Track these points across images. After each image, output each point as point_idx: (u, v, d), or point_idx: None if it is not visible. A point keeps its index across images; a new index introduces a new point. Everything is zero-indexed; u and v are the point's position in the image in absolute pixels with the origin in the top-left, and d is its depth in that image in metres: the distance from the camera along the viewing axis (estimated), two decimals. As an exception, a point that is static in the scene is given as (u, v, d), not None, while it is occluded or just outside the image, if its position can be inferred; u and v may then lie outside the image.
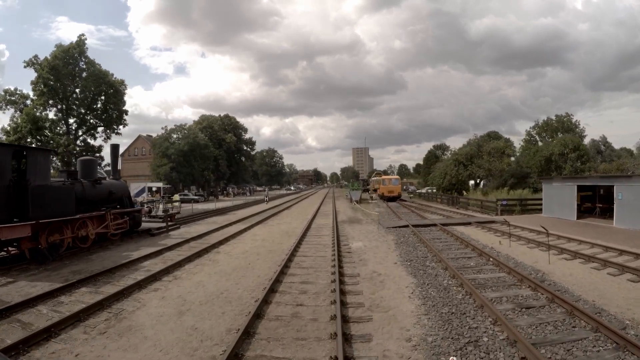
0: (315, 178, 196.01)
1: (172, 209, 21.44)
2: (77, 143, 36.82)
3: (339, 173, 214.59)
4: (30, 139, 35.03)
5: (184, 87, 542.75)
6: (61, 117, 36.10)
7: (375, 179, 57.80)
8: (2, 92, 35.27)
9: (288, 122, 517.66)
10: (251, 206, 35.52)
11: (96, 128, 38.07)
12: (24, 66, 34.89)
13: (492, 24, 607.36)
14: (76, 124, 36.91)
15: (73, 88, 35.81)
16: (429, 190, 48.73)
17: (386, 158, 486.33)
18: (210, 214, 26.60)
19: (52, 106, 36.10)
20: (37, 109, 35.06)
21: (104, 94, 36.69)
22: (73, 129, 36.63)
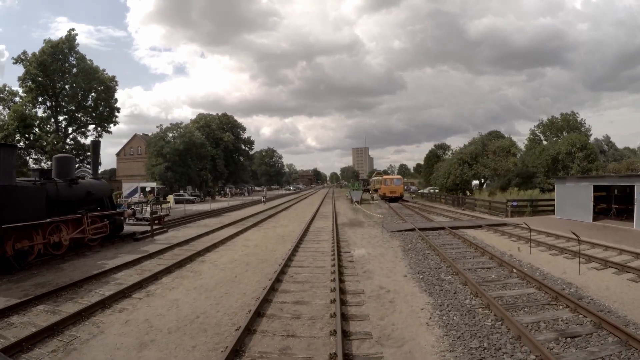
0: (315, 178, 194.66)
1: (161, 210, 20.05)
2: (67, 141, 35.43)
3: (338, 173, 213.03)
4: (19, 137, 33.76)
5: (184, 87, 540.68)
6: (50, 115, 34.73)
7: (376, 178, 56.52)
8: None
9: (288, 122, 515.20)
10: (248, 207, 34.12)
11: (87, 126, 36.70)
12: (13, 62, 33.66)
13: (492, 24, 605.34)
14: (66, 122, 35.54)
15: (63, 84, 34.43)
16: (431, 190, 47.42)
17: (386, 158, 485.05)
18: (204, 215, 25.22)
19: (42, 103, 34.80)
20: (27, 106, 33.77)
21: (94, 91, 35.32)
22: (63, 127, 35.25)
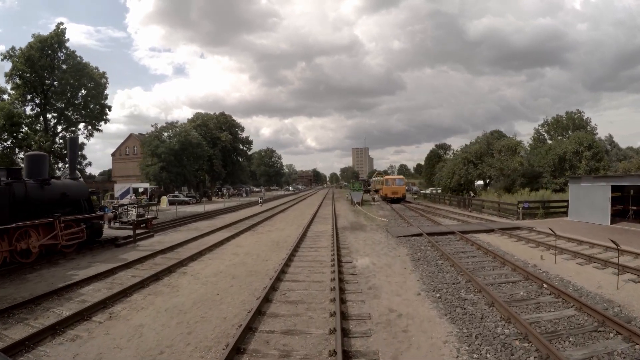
0: (314, 178, 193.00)
1: (149, 213, 18.73)
2: (57, 140, 34.05)
3: (338, 173, 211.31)
4: (7, 136, 32.42)
5: (183, 88, 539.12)
6: (39, 112, 33.33)
7: (377, 179, 55.19)
8: None
9: (287, 123, 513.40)
10: (244, 209, 32.73)
11: (77, 124, 35.27)
12: (1, 59, 32.28)
13: (491, 24, 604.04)
14: (55, 119, 34.11)
15: (52, 81, 33.04)
16: (434, 190, 46.11)
17: (385, 159, 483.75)
18: (196, 218, 23.84)
19: (30, 101, 33.42)
20: (15, 104, 32.40)
21: (84, 88, 33.90)
22: (51, 125, 33.84)
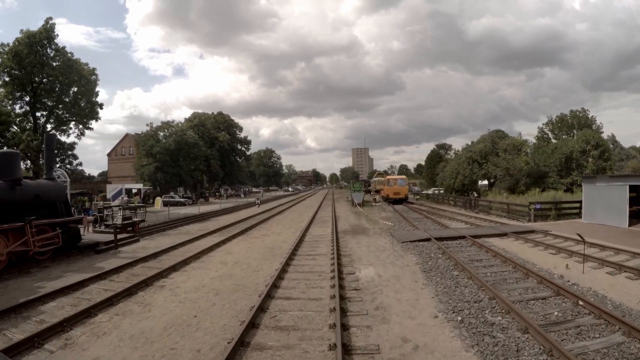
0: (314, 179, 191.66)
1: (136, 215, 17.54)
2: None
3: (338, 174, 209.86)
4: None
5: (183, 89, 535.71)
6: (27, 111, 32.10)
7: (378, 179, 54.07)
8: None
9: (287, 123, 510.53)
10: (240, 210, 31.52)
11: (67, 123, 34.02)
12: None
13: (490, 24, 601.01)
14: (44, 118, 32.86)
15: (41, 78, 31.81)
16: (436, 191, 44.95)
17: (385, 159, 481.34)
18: (189, 220, 22.64)
19: (19, 99, 32.19)
20: (4, 102, 31.19)
21: (76, 84, 32.65)
22: (41, 124, 32.59)
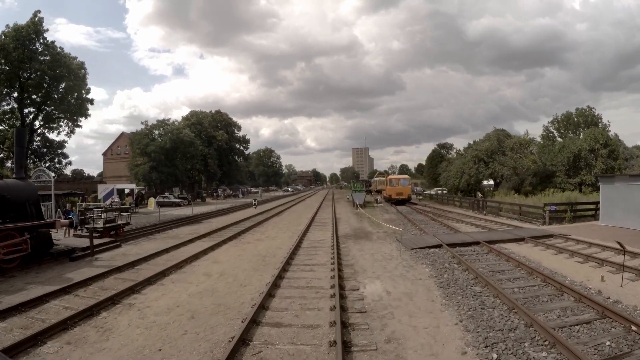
0: (314, 179, 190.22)
1: (120, 218, 16.24)
2: (34, 138, 31.52)
3: (338, 174, 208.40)
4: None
5: (183, 89, 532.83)
6: (15, 107, 30.81)
7: (379, 179, 52.79)
8: None
9: (287, 123, 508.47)
10: (236, 212, 30.20)
11: (56, 120, 32.70)
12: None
13: (490, 24, 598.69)
14: (33, 115, 31.56)
15: (29, 73, 30.54)
16: (439, 191, 43.66)
17: (385, 159, 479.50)
18: (180, 222, 21.32)
19: (6, 95, 30.92)
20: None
21: (65, 79, 31.35)
22: (29, 121, 31.30)
